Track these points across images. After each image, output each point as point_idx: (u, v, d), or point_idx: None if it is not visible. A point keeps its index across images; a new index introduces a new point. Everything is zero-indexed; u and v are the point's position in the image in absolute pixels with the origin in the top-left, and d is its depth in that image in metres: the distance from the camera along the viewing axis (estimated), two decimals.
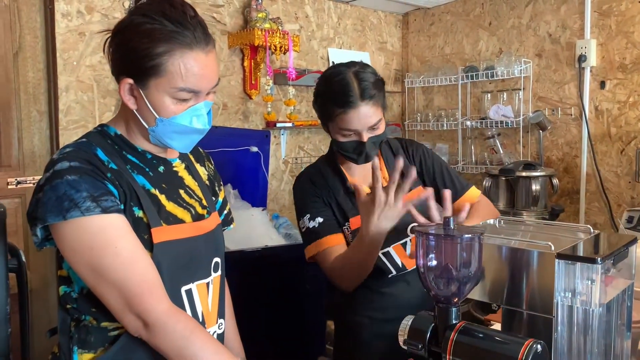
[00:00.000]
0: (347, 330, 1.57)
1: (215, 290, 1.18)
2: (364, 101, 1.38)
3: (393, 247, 1.49)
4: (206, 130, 1.11)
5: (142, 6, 1.05)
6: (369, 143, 1.42)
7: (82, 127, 2.41)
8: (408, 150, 1.60)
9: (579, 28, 2.93)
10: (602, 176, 2.87)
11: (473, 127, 3.35)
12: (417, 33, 3.77)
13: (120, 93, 1.06)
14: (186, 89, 1.03)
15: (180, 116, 1.05)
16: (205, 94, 1.08)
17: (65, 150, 1.04)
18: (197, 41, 1.03)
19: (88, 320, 1.06)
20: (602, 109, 2.87)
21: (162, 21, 1.02)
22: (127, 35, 1.03)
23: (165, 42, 1.01)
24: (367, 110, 1.39)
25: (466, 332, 0.91)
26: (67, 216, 0.96)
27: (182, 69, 1.02)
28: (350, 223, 1.48)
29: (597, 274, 0.89)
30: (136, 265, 1.00)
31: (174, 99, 1.04)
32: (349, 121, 1.40)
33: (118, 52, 1.06)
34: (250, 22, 2.87)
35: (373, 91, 1.40)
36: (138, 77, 1.03)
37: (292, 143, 3.27)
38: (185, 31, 1.02)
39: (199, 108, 1.07)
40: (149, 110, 1.05)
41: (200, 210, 1.18)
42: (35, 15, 2.34)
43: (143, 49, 1.01)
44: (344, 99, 1.39)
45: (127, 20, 1.05)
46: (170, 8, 1.03)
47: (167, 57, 1.01)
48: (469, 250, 0.92)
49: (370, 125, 1.41)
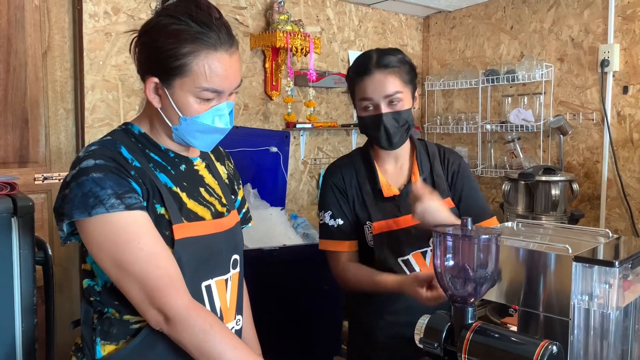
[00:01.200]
0: (362, 331, 1.58)
1: (234, 287, 1.20)
2: (379, 69, 1.42)
3: (413, 254, 1.49)
4: (227, 130, 1.13)
5: (168, 7, 1.08)
6: (387, 117, 1.43)
7: (107, 125, 2.46)
8: (444, 158, 1.58)
9: (602, 32, 2.90)
10: (623, 182, 2.83)
11: (493, 130, 3.33)
12: (437, 36, 3.76)
13: (146, 92, 1.08)
14: (210, 89, 1.06)
15: (203, 115, 1.08)
16: (228, 95, 1.10)
17: (90, 148, 1.06)
18: (221, 42, 1.06)
19: (111, 313, 1.09)
20: (625, 114, 2.84)
21: (188, 22, 1.04)
22: (154, 36, 1.06)
23: (190, 42, 1.03)
24: (382, 77, 1.42)
25: (482, 332, 0.92)
26: (92, 212, 0.99)
27: (206, 69, 1.04)
28: (374, 227, 1.48)
29: (615, 278, 0.89)
30: (158, 260, 1.02)
31: (197, 98, 1.06)
32: (365, 89, 1.44)
33: (144, 51, 1.09)
34: (272, 24, 2.90)
35: (391, 62, 1.43)
36: (163, 77, 1.06)
37: (311, 144, 3.29)
38: (211, 32, 1.05)
39: (221, 108, 1.09)
40: (173, 109, 1.07)
41: (220, 208, 1.20)
42: (64, 16, 2.40)
43: (169, 49, 1.03)
44: (361, 67, 1.45)
45: (153, 20, 1.08)
46: (197, 9, 1.06)
47: (192, 58, 1.04)
48: (486, 251, 0.93)
49: (386, 94, 1.42)
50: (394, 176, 1.53)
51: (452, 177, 1.56)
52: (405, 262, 1.49)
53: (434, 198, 1.33)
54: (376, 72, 1.42)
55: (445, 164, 1.57)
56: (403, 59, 1.46)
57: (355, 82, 1.46)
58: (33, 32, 2.31)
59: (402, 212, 1.48)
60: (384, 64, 1.42)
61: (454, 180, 1.56)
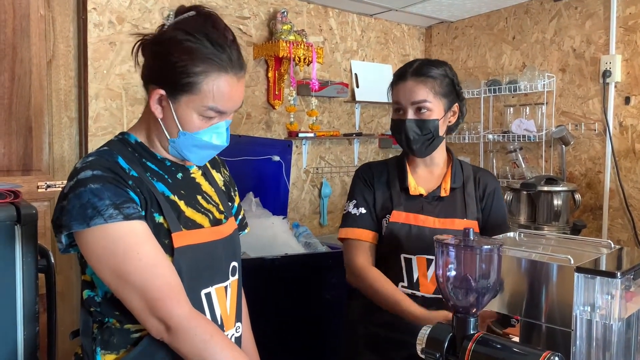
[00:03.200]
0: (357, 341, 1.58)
1: (233, 294, 1.20)
2: (413, 76, 1.48)
3: (417, 257, 1.49)
4: (223, 147, 1.15)
5: (185, 22, 1.08)
6: (410, 123, 1.47)
7: (110, 134, 2.47)
8: (478, 182, 1.58)
9: (603, 43, 2.91)
10: (626, 192, 2.83)
11: (495, 140, 3.34)
12: (440, 46, 3.78)
13: (150, 102, 1.09)
14: (214, 109, 1.07)
15: (203, 132, 1.09)
16: (228, 115, 1.12)
17: (87, 159, 1.07)
18: (232, 66, 1.07)
19: (111, 323, 1.09)
20: (627, 125, 2.84)
21: (204, 42, 1.05)
22: (168, 49, 1.06)
23: (203, 62, 1.04)
24: (413, 85, 1.47)
25: (484, 342, 0.91)
26: (90, 224, 0.99)
27: (214, 90, 1.05)
28: (392, 215, 1.51)
29: (617, 289, 0.89)
30: (157, 269, 1.02)
31: (201, 116, 1.07)
32: (397, 93, 1.50)
33: (156, 62, 1.09)
34: (275, 34, 2.92)
35: (428, 72, 1.47)
36: (171, 90, 1.06)
37: (314, 153, 3.30)
38: (223, 55, 1.06)
39: (220, 126, 1.11)
40: (174, 122, 1.08)
41: (218, 215, 1.20)
42: (69, 25, 2.42)
43: (182, 65, 1.04)
44: (400, 72, 1.52)
45: (169, 33, 1.07)
46: (213, 30, 1.07)
47: (203, 77, 1.04)
48: (488, 261, 0.93)
49: (413, 101, 1.47)
50: (423, 180, 1.56)
51: (483, 201, 1.57)
52: (407, 261, 1.49)
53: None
54: (410, 79, 1.48)
55: (477, 185, 1.57)
56: (444, 73, 1.49)
57: (393, 86, 1.53)
58: (38, 41, 2.33)
59: (425, 212, 1.51)
60: (420, 72, 1.48)
61: (484, 205, 1.57)
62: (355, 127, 3.49)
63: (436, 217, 1.51)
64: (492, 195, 1.57)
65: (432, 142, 1.50)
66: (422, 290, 1.48)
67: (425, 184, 1.55)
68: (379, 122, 3.63)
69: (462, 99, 1.56)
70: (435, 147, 1.52)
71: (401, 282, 1.50)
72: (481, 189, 1.57)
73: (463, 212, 1.52)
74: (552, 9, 3.14)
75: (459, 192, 1.55)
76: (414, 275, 1.49)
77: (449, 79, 1.50)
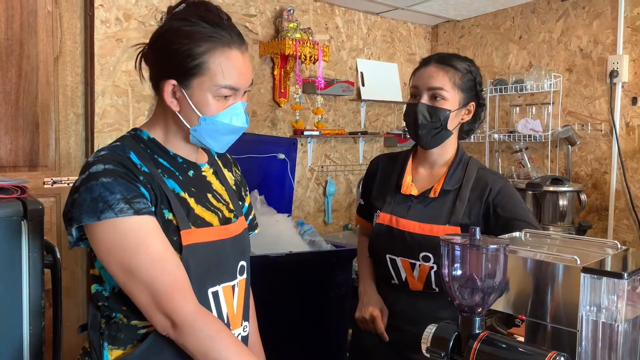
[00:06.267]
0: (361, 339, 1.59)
1: (241, 293, 1.21)
2: (435, 63, 1.47)
3: (401, 259, 1.49)
4: (244, 129, 1.15)
5: (178, 12, 1.10)
6: (422, 107, 1.45)
7: (117, 130, 2.48)
8: (482, 188, 1.46)
9: (611, 43, 2.90)
10: (632, 193, 2.82)
11: (501, 140, 3.33)
12: (446, 45, 3.77)
13: (164, 96, 1.09)
14: (227, 86, 1.08)
15: (222, 114, 1.10)
16: (242, 94, 1.12)
17: (100, 154, 1.07)
18: (234, 41, 1.09)
19: (118, 318, 1.09)
20: (633, 125, 2.83)
21: (200, 23, 1.07)
22: (168, 39, 1.08)
23: (205, 41, 1.06)
24: (433, 70, 1.46)
25: (489, 342, 0.91)
26: (101, 217, 1.00)
27: (223, 66, 1.07)
28: (379, 216, 1.54)
29: (623, 290, 0.89)
30: (165, 265, 1.03)
31: (215, 96, 1.08)
32: (416, 78, 1.50)
33: (160, 56, 1.10)
34: (281, 31, 2.92)
35: (451, 62, 1.47)
36: (181, 78, 1.07)
37: (319, 151, 3.30)
38: (223, 32, 1.07)
39: (237, 107, 1.11)
40: (192, 110, 1.09)
41: (228, 214, 1.20)
42: (76, 22, 2.42)
43: (185, 49, 1.05)
44: (424, 59, 1.52)
45: (165, 25, 1.10)
46: (206, 12, 1.08)
47: (208, 56, 1.06)
48: (494, 261, 0.93)
49: (429, 86, 1.45)
50: (421, 179, 1.54)
51: (489, 207, 1.44)
52: (392, 261, 1.50)
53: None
54: (432, 64, 1.47)
55: (482, 189, 1.45)
56: (467, 68, 1.48)
57: (415, 72, 1.52)
58: (45, 38, 2.34)
59: (409, 214, 1.48)
60: (443, 60, 1.47)
61: (490, 211, 1.44)
62: (361, 125, 3.49)
63: (417, 222, 1.46)
64: (498, 195, 1.43)
65: (439, 133, 1.45)
66: (411, 287, 1.49)
67: (422, 183, 1.52)
68: (384, 121, 3.63)
69: (481, 103, 1.51)
70: (441, 139, 1.47)
71: (392, 280, 1.51)
72: (483, 190, 1.45)
73: (447, 217, 1.44)
74: (559, 8, 3.12)
75: (451, 194, 1.46)
76: (401, 274, 1.49)
77: (471, 75, 1.48)
